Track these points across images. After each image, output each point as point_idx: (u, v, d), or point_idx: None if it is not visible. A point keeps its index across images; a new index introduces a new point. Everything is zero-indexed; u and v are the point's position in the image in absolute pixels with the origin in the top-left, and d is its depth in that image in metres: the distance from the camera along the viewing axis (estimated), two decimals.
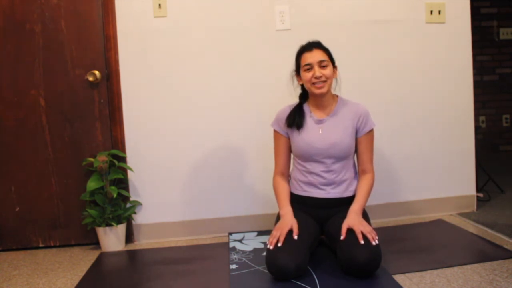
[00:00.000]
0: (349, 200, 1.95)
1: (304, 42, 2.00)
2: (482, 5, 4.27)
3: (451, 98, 2.58)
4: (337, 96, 2.03)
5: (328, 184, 1.95)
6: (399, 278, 1.72)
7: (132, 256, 2.25)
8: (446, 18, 2.54)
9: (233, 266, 1.94)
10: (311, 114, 1.99)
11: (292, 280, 1.72)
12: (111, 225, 2.28)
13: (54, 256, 2.28)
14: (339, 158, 1.94)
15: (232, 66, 2.45)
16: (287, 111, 2.01)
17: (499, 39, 4.33)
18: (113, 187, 2.27)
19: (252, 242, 2.27)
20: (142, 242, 2.45)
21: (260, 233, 2.42)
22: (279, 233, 1.79)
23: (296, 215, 1.90)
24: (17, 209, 2.40)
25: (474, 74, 2.88)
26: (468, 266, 1.79)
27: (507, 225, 2.28)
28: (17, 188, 2.39)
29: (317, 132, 1.95)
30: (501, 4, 4.28)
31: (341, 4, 2.47)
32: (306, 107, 2.01)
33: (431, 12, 2.52)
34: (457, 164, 2.61)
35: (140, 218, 2.46)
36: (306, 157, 1.95)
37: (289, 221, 1.85)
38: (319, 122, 1.96)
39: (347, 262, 1.71)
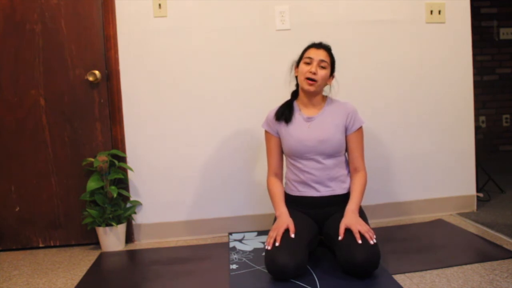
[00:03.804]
0: (343, 198, 1.96)
1: (304, 42, 2.02)
2: (482, 5, 4.27)
3: (451, 98, 2.58)
4: (326, 96, 2.05)
5: (321, 181, 1.95)
6: (399, 278, 1.72)
7: (132, 256, 2.25)
8: (446, 18, 2.54)
9: (233, 266, 1.94)
10: (300, 112, 2.01)
11: (292, 280, 1.72)
12: (111, 225, 2.28)
13: (54, 256, 2.28)
14: (330, 155, 1.95)
15: (232, 66, 2.45)
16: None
17: (499, 39, 4.32)
18: (113, 187, 2.27)
19: (252, 242, 2.27)
20: (142, 242, 2.45)
21: (260, 233, 2.42)
22: (276, 233, 1.80)
23: (292, 215, 1.91)
24: (17, 209, 2.40)
25: (474, 74, 2.88)
26: (468, 266, 1.79)
27: (507, 225, 2.28)
28: (17, 188, 2.39)
29: (306, 128, 1.97)
30: (501, 4, 4.27)
31: (341, 4, 2.47)
32: (296, 104, 2.04)
33: (431, 12, 2.52)
34: (457, 164, 2.61)
35: (140, 218, 2.46)
36: (297, 155, 1.97)
37: (285, 220, 1.85)
38: (308, 119, 1.98)
39: (346, 262, 1.71)
